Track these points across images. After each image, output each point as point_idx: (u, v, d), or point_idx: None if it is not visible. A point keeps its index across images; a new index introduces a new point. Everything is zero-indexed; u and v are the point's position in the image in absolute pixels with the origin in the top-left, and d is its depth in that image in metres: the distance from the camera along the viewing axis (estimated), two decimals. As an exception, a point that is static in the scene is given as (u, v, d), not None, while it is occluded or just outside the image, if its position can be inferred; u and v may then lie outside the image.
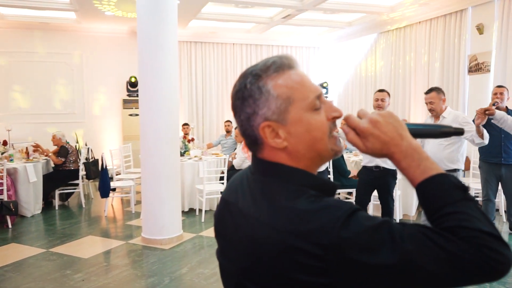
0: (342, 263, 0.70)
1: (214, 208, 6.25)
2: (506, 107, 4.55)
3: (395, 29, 8.16)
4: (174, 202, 4.88)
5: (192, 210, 6.14)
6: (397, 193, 5.12)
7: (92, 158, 7.61)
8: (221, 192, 5.99)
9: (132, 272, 4.02)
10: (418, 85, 7.67)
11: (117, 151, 7.08)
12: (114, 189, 6.27)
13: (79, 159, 6.64)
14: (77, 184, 6.61)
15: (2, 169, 5.44)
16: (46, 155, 6.64)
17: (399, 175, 4.51)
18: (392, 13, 7.65)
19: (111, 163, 7.02)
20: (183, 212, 5.56)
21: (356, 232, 0.71)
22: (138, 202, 6.36)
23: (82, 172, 6.69)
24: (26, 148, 6.56)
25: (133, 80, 8.59)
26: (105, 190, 5.98)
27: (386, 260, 0.69)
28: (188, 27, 8.69)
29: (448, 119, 3.92)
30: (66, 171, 6.45)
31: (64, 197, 6.85)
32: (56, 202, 6.53)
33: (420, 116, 7.56)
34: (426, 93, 4.02)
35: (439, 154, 3.86)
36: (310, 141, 0.82)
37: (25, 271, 4.05)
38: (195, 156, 6.40)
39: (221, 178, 6.03)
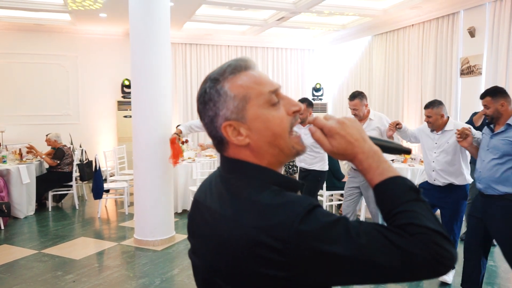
0: (301, 256, 0.73)
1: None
2: None
3: (389, 32, 8.21)
4: (167, 204, 4.89)
5: (185, 212, 6.15)
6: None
7: (86, 159, 7.61)
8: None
9: (123, 273, 4.03)
10: (411, 87, 7.72)
11: (111, 153, 7.08)
12: (107, 191, 6.27)
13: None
14: (70, 186, 6.61)
15: (-5, 171, 5.44)
16: (40, 157, 6.63)
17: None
18: (385, 16, 7.70)
19: (105, 165, 7.03)
20: (176, 213, 5.58)
21: (314, 227, 0.74)
22: (132, 204, 6.36)
23: (76, 174, 6.70)
24: (20, 149, 6.56)
25: (126, 83, 8.60)
26: (98, 192, 5.99)
27: (341, 252, 0.72)
28: (183, 29, 8.72)
29: (374, 120, 4.15)
30: (60, 173, 6.45)
31: (58, 198, 6.85)
32: (50, 203, 6.53)
33: (414, 117, 7.61)
34: (350, 99, 4.17)
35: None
36: (270, 137, 0.86)
37: (16, 272, 4.05)
38: (188, 158, 6.41)
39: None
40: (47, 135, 6.77)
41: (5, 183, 5.74)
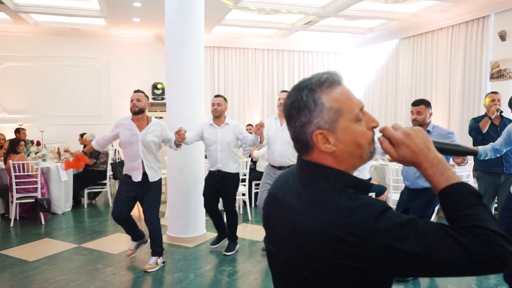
0: (375, 251, 0.85)
1: (236, 209, 6.43)
2: (501, 115, 4.61)
3: (416, 35, 8.21)
4: (198, 203, 5.07)
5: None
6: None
7: (118, 159, 7.89)
8: (243, 194, 6.17)
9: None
10: (439, 91, 7.70)
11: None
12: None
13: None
14: (104, 184, 6.88)
15: (37, 168, 5.74)
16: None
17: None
18: (413, 19, 7.71)
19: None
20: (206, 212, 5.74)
21: (387, 226, 0.86)
22: (163, 202, 6.57)
23: (109, 172, 6.97)
24: (58, 148, 6.87)
25: (159, 86, 8.87)
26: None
27: (411, 249, 0.84)
28: (212, 32, 8.92)
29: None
30: (95, 171, 6.74)
31: (92, 196, 7.14)
32: (85, 200, 6.82)
33: (441, 122, 7.59)
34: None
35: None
36: (354, 147, 0.97)
37: (59, 264, 4.30)
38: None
39: (243, 180, 6.19)
40: (81, 135, 7.07)
41: (45, 180, 6.05)
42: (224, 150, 4.42)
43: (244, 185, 6.17)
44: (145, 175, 4.01)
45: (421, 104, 3.77)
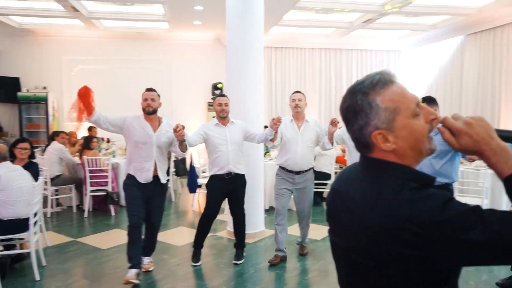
0: (440, 240, 0.88)
1: (294, 207, 6.49)
2: None
3: (484, 31, 7.81)
4: (257, 200, 5.20)
5: (272, 209, 6.41)
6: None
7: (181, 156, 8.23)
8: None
9: (220, 261, 4.38)
10: (509, 88, 7.28)
11: (203, 151, 7.59)
12: (200, 186, 6.75)
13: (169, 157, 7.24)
14: (168, 180, 7.20)
15: (108, 164, 6.16)
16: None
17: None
18: (480, 14, 7.35)
19: (198, 162, 7.56)
20: (264, 210, 5.86)
21: (452, 215, 0.88)
22: (222, 199, 6.79)
23: (171, 169, 7.30)
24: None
25: (219, 86, 9.14)
26: (193, 186, 6.49)
27: (477, 237, 0.86)
28: (269, 33, 9.04)
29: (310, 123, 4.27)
30: (159, 167, 7.08)
31: (156, 191, 7.51)
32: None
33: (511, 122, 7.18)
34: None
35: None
36: (413, 142, 1.00)
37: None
38: (275, 158, 6.67)
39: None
40: None
41: (115, 175, 6.46)
42: (236, 149, 4.19)
43: (302, 184, 6.21)
44: (155, 176, 3.83)
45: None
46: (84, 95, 3.55)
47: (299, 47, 9.99)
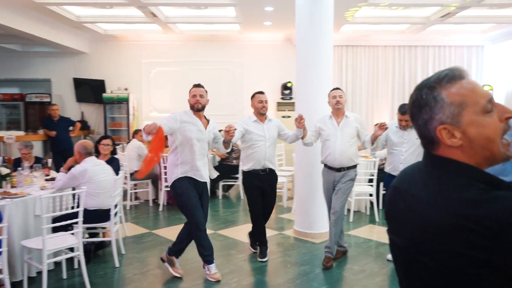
0: (505, 244, 0.84)
1: (362, 209, 6.36)
2: None
3: None
4: (321, 200, 5.13)
5: (339, 210, 6.34)
6: None
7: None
8: (370, 195, 6.06)
9: (285, 259, 4.43)
10: None
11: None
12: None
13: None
14: (237, 178, 7.41)
15: (181, 161, 6.48)
16: (211, 151, 7.62)
17: None
18: None
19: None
20: (331, 210, 5.80)
21: None
22: (289, 198, 6.84)
23: (241, 167, 7.47)
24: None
25: (289, 85, 9.21)
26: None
27: None
28: (340, 31, 8.90)
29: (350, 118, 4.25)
30: (229, 165, 7.31)
31: (226, 188, 7.75)
32: (220, 192, 7.44)
33: None
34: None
35: None
36: (483, 141, 0.96)
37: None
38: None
39: (370, 181, 6.08)
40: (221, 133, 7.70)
41: (187, 171, 6.77)
42: (272, 146, 4.30)
43: (372, 186, 6.05)
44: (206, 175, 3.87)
45: None
46: (160, 138, 3.48)
47: (371, 45, 9.71)
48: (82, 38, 9.58)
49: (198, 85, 3.91)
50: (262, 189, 4.29)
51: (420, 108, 1.01)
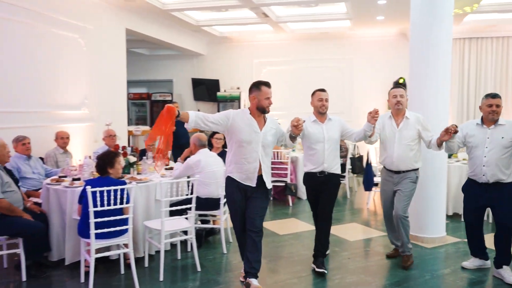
0: None
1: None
2: None
3: None
4: (438, 203, 4.81)
5: (456, 215, 5.84)
6: None
7: (357, 154, 8.20)
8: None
9: (391, 261, 4.23)
10: None
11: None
12: (376, 184, 6.60)
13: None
14: (343, 177, 7.28)
15: (288, 157, 6.59)
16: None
17: None
18: None
19: (375, 160, 7.39)
20: (446, 215, 5.38)
21: None
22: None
23: (347, 166, 7.33)
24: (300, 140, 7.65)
25: (401, 81, 8.78)
26: (368, 184, 6.41)
27: None
28: (463, 22, 8.18)
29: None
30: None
31: (332, 186, 7.67)
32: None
33: None
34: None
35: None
36: None
37: (302, 241, 4.86)
38: (463, 159, 6.03)
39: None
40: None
41: (294, 168, 6.87)
42: (332, 148, 3.88)
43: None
44: (260, 179, 3.39)
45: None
46: (168, 116, 3.13)
47: (499, 36, 8.73)
48: (200, 40, 10.32)
49: (269, 85, 3.49)
50: (318, 192, 3.97)
51: None
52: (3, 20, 5.11)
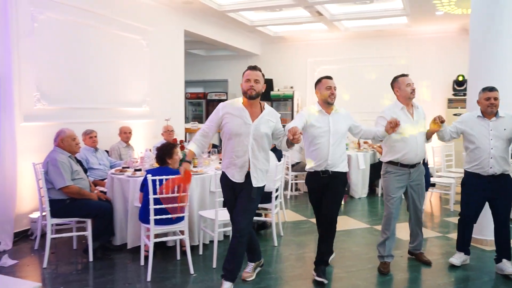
0: None
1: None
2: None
3: None
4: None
5: (520, 219, 5.53)
6: None
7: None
8: None
9: (446, 261, 4.11)
10: None
11: (439, 149, 7.15)
12: (433, 185, 6.42)
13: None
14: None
15: (340, 155, 6.57)
16: (372, 147, 7.49)
17: None
18: None
19: (432, 160, 7.17)
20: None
21: None
22: (457, 202, 6.25)
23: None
24: (358, 140, 7.58)
25: (460, 79, 8.42)
26: (425, 185, 6.20)
27: None
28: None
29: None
30: (379, 162, 7.08)
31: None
32: (379, 190, 7.27)
33: None
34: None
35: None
36: None
37: (354, 238, 4.87)
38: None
39: None
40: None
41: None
42: (337, 143, 3.45)
43: None
44: (248, 176, 3.11)
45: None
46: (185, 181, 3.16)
47: None
48: (254, 41, 10.51)
49: (253, 67, 3.19)
50: (322, 193, 3.56)
51: None
52: (79, 24, 5.56)
